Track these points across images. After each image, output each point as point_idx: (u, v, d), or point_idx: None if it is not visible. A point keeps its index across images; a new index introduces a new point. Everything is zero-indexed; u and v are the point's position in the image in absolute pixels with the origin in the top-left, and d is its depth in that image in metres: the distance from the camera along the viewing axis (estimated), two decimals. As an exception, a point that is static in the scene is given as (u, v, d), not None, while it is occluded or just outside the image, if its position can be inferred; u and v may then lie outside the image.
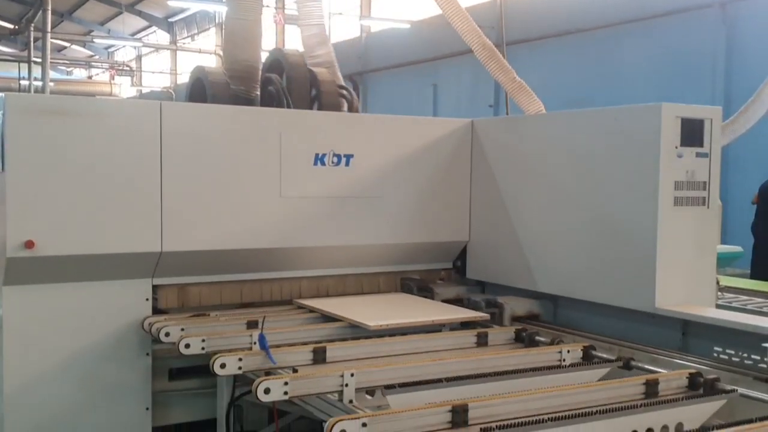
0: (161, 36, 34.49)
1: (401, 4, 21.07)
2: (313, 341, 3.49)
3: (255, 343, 3.35)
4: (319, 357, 3.26)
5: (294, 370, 3.05)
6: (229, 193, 3.92)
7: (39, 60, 20.92)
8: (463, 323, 3.96)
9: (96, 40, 32.53)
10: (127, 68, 31.04)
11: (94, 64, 35.76)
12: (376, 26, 22.02)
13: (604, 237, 3.74)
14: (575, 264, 3.90)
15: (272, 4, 21.24)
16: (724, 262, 7.27)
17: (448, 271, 4.72)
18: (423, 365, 3.09)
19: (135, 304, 3.81)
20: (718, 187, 3.66)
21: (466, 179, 4.58)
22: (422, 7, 18.41)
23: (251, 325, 3.66)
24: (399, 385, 2.75)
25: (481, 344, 3.64)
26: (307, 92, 4.70)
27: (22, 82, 23.01)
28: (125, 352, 3.79)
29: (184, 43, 32.38)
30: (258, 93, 4.69)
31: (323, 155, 4.14)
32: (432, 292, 4.39)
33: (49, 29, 20.77)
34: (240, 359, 3.10)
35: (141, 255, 3.75)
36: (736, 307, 4.83)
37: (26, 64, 22.02)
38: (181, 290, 3.95)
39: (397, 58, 20.70)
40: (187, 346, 3.33)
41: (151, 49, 35.25)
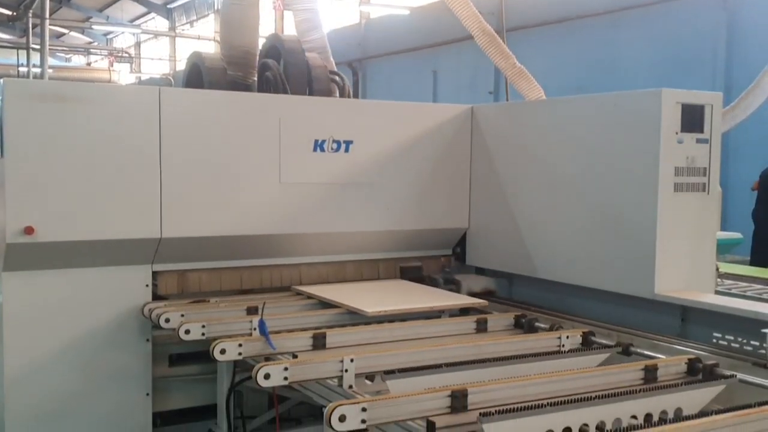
0: (160, 22, 34.37)
1: (401, -10, 20.98)
2: (313, 327, 3.50)
3: (255, 329, 3.35)
4: (318, 343, 3.27)
5: (294, 356, 3.06)
6: (229, 179, 3.91)
7: (37, 47, 20.82)
8: (462, 310, 3.97)
9: (95, 27, 32.41)
10: (126, 55, 30.89)
11: (92, 50, 35.56)
12: (376, 12, 21.92)
13: (603, 223, 3.74)
14: (575, 250, 3.90)
15: (271, -10, 21.14)
16: (724, 249, 7.26)
17: (448, 258, 4.72)
18: (422, 351, 3.10)
19: (135, 290, 3.81)
20: (718, 173, 3.65)
21: (466, 166, 4.57)
22: (422, -7, 18.36)
23: (251, 311, 3.67)
24: (398, 370, 2.75)
25: (481, 330, 3.65)
26: (304, 78, 4.67)
27: (20, 68, 22.94)
28: (125, 338, 3.79)
29: (183, 30, 32.26)
30: (255, 79, 4.67)
31: (323, 141, 4.13)
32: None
33: (48, 15, 20.72)
34: (240, 345, 3.11)
35: (141, 241, 3.75)
36: (735, 294, 4.84)
37: (25, 51, 21.97)
38: (180, 276, 3.95)
39: (396, 44, 20.57)
40: (187, 332, 3.34)
41: (150, 35, 35.15)
